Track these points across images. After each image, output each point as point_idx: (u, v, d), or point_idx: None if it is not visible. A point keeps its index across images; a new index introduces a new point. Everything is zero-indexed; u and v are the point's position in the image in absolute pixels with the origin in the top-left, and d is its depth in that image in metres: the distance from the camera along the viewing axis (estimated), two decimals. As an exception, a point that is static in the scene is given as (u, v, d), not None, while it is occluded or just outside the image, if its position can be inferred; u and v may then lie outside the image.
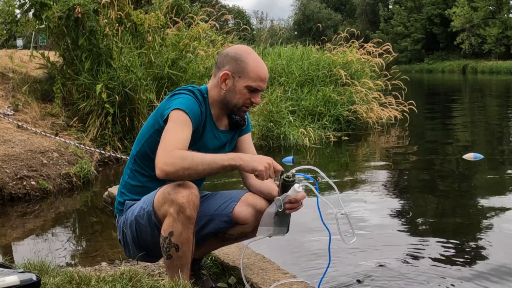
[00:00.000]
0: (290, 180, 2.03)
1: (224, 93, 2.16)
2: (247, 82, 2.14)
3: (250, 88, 2.14)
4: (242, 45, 2.36)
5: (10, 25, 7.88)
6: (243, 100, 2.16)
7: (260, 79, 2.15)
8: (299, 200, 2.06)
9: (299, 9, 66.98)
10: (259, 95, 2.20)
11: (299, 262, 3.18)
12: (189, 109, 2.07)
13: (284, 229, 2.13)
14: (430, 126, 10.40)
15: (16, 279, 1.72)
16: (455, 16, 44.83)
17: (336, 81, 9.90)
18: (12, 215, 4.59)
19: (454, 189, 5.23)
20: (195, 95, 2.15)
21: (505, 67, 35.64)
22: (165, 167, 1.92)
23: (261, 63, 2.17)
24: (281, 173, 2.03)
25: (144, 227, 2.12)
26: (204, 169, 1.95)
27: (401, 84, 10.32)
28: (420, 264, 3.12)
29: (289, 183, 2.03)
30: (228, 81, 2.15)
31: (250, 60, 2.14)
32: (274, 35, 17.11)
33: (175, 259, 2.04)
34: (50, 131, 6.57)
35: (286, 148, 7.46)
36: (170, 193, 1.98)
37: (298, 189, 2.02)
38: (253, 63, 2.14)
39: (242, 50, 2.19)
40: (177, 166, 1.92)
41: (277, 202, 2.05)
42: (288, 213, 2.10)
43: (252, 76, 2.13)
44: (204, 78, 7.86)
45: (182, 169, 1.92)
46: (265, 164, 1.97)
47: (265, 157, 2.01)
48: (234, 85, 2.15)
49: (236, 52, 2.17)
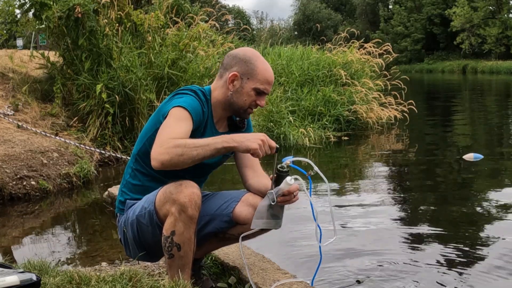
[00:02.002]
0: (284, 171, 2.04)
1: (231, 94, 2.17)
2: (255, 84, 2.15)
3: (257, 90, 2.16)
4: (250, 48, 2.37)
5: (10, 25, 7.88)
6: (250, 102, 2.17)
7: (267, 82, 2.17)
8: (292, 192, 2.07)
9: (299, 9, 67.01)
10: (265, 98, 2.22)
11: (299, 262, 3.18)
12: (191, 107, 2.08)
13: (279, 221, 2.13)
14: (430, 126, 10.40)
15: (16, 279, 1.72)
16: (455, 16, 44.83)
17: (336, 81, 9.91)
18: (12, 215, 4.59)
19: (454, 189, 5.23)
20: (197, 95, 2.15)
21: (505, 67, 35.64)
22: (159, 156, 1.92)
23: (269, 67, 2.20)
24: (276, 152, 2.01)
25: (146, 227, 2.12)
26: (198, 153, 1.93)
27: (401, 84, 10.33)
28: (419, 264, 3.12)
29: (283, 174, 2.04)
30: (236, 82, 2.16)
31: (259, 63, 2.17)
32: (274, 35, 17.10)
33: (176, 259, 2.04)
34: (50, 131, 6.56)
35: (286, 148, 7.47)
36: (172, 192, 1.99)
37: (290, 182, 2.02)
38: (261, 66, 2.16)
39: (251, 52, 2.21)
40: (171, 153, 1.91)
41: (269, 195, 2.06)
42: (281, 205, 2.10)
43: (261, 79, 2.15)
44: (204, 78, 7.86)
45: (176, 155, 1.91)
46: (259, 141, 1.95)
47: (258, 134, 2.00)
48: (242, 87, 2.16)
49: (245, 54, 2.19)
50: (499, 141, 8.40)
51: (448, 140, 8.53)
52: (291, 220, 3.73)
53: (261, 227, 2.11)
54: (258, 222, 2.10)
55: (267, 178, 2.23)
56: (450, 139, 8.59)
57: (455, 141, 8.40)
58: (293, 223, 3.78)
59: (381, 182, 5.49)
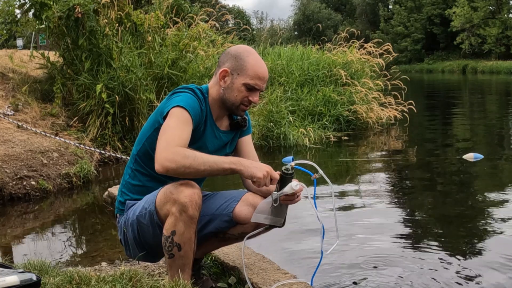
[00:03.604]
0: (288, 173, 2.04)
1: (222, 90, 2.17)
2: (245, 80, 2.14)
3: (247, 86, 2.15)
4: (244, 45, 2.37)
5: (10, 25, 7.88)
6: (241, 98, 2.16)
7: (258, 78, 2.15)
8: (296, 193, 2.07)
9: (299, 9, 67.02)
10: (257, 94, 2.19)
11: (299, 262, 3.17)
12: (190, 106, 2.07)
13: (281, 220, 2.13)
14: (430, 126, 10.40)
15: (16, 279, 1.72)
16: (455, 16, 44.81)
17: (336, 81, 9.91)
18: (12, 215, 4.59)
19: (454, 190, 5.23)
20: (195, 93, 2.15)
21: (505, 67, 35.61)
22: (166, 163, 1.92)
23: (260, 62, 2.18)
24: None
25: (146, 227, 2.12)
26: (205, 169, 1.95)
27: (401, 84, 10.33)
28: (417, 266, 3.10)
29: (287, 176, 2.04)
30: (227, 78, 2.16)
31: (250, 58, 2.15)
32: (274, 35, 17.10)
33: (177, 258, 2.04)
34: (50, 131, 6.56)
35: (286, 148, 7.46)
36: (172, 192, 1.99)
37: (295, 187, 2.02)
38: (252, 62, 2.15)
39: (242, 49, 2.20)
40: (179, 163, 1.91)
41: (273, 195, 2.06)
42: (284, 204, 2.10)
43: (250, 74, 2.14)
44: (204, 78, 7.87)
45: (183, 167, 1.92)
46: (264, 172, 1.99)
47: (264, 165, 2.02)
48: (232, 82, 2.15)
49: (237, 50, 2.19)
50: (499, 141, 8.39)
51: (448, 140, 8.53)
52: (291, 221, 3.72)
53: (262, 221, 2.10)
54: (259, 217, 2.09)
55: None
56: (450, 139, 8.59)
57: (455, 141, 8.40)
58: (293, 224, 3.77)
59: (381, 183, 5.48)
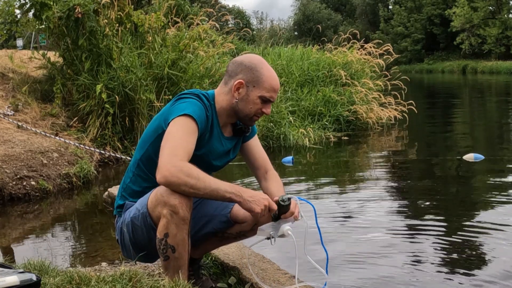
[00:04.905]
0: (285, 205, 2.09)
1: (236, 101, 2.15)
2: (261, 92, 2.13)
3: (263, 99, 2.14)
4: (255, 55, 2.34)
5: (10, 25, 7.87)
6: (255, 110, 2.16)
7: (274, 90, 2.16)
8: (293, 212, 2.13)
9: (299, 10, 67.00)
10: (270, 106, 2.20)
11: (299, 262, 3.16)
12: (196, 115, 2.05)
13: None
14: (430, 127, 10.40)
15: (16, 279, 1.71)
16: (455, 16, 44.79)
17: (336, 81, 9.91)
18: (12, 215, 4.60)
19: (454, 190, 5.23)
20: (201, 100, 2.12)
21: (505, 67, 35.57)
22: (169, 177, 1.91)
23: (274, 74, 2.18)
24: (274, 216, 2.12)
25: (140, 228, 2.11)
26: (205, 193, 1.96)
27: (401, 84, 10.33)
28: (419, 271, 3.08)
29: (284, 206, 2.09)
30: (242, 90, 2.14)
31: (265, 70, 2.14)
32: (274, 36, 17.11)
33: (172, 260, 2.04)
34: (50, 131, 6.57)
35: (286, 148, 7.47)
36: (163, 194, 1.97)
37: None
38: (267, 74, 2.14)
39: (256, 60, 2.18)
40: (181, 180, 1.91)
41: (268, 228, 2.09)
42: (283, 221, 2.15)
43: (267, 87, 2.13)
44: (204, 79, 7.86)
45: (184, 185, 1.92)
46: (262, 206, 2.01)
47: (263, 199, 2.03)
48: (248, 94, 2.14)
49: (251, 61, 2.16)
50: (500, 141, 8.39)
51: (448, 140, 8.53)
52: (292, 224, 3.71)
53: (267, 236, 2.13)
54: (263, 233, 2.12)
55: (275, 185, 2.29)
56: (450, 139, 8.59)
57: (455, 141, 8.40)
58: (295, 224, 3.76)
59: (381, 183, 5.48)
